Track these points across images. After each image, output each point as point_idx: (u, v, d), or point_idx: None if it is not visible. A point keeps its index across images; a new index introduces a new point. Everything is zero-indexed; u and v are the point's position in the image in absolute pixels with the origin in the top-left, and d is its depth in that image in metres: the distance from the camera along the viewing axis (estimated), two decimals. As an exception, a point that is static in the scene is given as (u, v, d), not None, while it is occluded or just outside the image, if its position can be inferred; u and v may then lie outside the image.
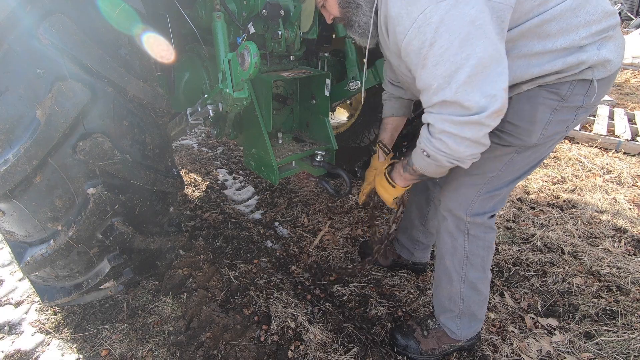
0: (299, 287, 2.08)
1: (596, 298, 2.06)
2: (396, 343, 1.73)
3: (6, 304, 1.91)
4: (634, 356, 1.73)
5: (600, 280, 2.19)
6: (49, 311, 1.86)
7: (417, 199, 2.01)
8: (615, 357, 1.73)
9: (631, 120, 4.54)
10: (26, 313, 1.86)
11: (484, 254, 1.54)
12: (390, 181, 1.52)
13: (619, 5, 11.01)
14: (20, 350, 1.67)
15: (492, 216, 1.51)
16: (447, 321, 1.67)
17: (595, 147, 4.03)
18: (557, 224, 2.71)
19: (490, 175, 1.40)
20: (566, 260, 2.33)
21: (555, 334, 1.84)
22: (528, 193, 3.14)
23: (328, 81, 2.03)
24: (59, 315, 1.84)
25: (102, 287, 1.63)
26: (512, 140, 1.30)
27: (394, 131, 1.78)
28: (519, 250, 2.42)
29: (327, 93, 2.06)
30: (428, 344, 1.70)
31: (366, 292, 2.06)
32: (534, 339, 1.81)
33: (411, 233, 2.08)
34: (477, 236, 1.50)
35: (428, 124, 1.20)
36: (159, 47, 1.49)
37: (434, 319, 1.74)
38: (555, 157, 3.79)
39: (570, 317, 1.95)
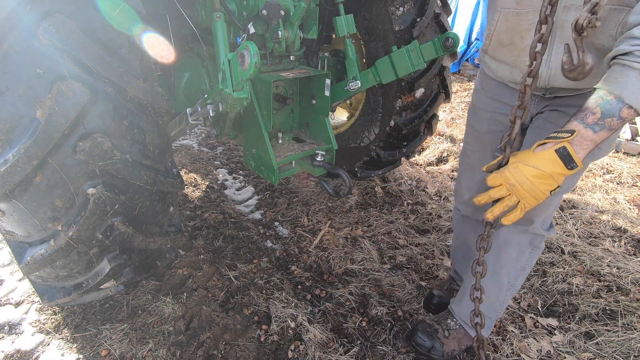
0: (299, 287, 2.08)
1: (596, 298, 2.06)
2: (420, 344, 1.65)
3: (6, 304, 1.91)
4: (634, 356, 1.73)
5: (600, 280, 2.19)
6: (49, 311, 1.86)
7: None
8: (615, 357, 1.73)
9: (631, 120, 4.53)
10: (26, 313, 1.86)
11: (534, 262, 1.56)
12: (572, 158, 0.98)
13: None
14: (20, 350, 1.67)
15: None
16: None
17: (595, 147, 4.03)
18: (557, 224, 2.71)
19: (568, 190, 1.38)
20: (566, 260, 2.33)
21: (555, 334, 1.84)
22: (528, 193, 3.14)
23: (328, 81, 2.03)
24: (59, 315, 1.84)
25: (102, 287, 1.62)
26: (599, 152, 1.23)
27: None
28: (519, 250, 2.42)
29: (327, 93, 2.06)
30: (450, 345, 1.64)
31: (366, 292, 2.06)
32: (534, 339, 1.81)
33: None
34: (539, 247, 1.52)
35: None
36: (159, 47, 1.49)
37: (454, 319, 1.69)
38: (555, 157, 3.79)
39: (570, 317, 1.95)
